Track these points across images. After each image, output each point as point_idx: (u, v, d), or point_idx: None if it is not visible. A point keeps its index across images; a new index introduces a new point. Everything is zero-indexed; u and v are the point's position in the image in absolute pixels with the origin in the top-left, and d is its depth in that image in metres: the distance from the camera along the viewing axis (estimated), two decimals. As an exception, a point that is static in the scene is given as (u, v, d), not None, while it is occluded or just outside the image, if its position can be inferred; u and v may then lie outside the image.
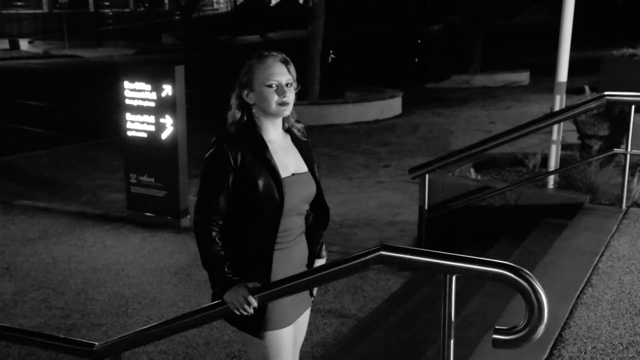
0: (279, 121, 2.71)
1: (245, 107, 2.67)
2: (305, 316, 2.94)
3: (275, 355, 2.71)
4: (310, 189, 2.74)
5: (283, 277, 2.62)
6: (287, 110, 2.65)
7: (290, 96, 2.64)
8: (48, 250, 6.41)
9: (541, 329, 2.09)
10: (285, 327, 2.72)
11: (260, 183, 2.58)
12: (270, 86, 2.60)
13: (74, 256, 6.27)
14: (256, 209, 2.60)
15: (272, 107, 2.62)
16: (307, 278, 2.50)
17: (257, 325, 2.66)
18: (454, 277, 2.23)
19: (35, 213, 7.53)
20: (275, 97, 2.61)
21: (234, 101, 2.68)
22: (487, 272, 2.18)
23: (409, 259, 2.31)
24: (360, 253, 2.38)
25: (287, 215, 2.64)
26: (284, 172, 2.64)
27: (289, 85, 2.64)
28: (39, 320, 5.02)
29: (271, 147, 2.66)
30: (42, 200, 8.07)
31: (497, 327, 2.19)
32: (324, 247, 2.93)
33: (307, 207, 2.77)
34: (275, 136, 2.70)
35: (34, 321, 5.01)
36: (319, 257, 2.87)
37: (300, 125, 2.81)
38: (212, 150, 2.62)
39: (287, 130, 2.77)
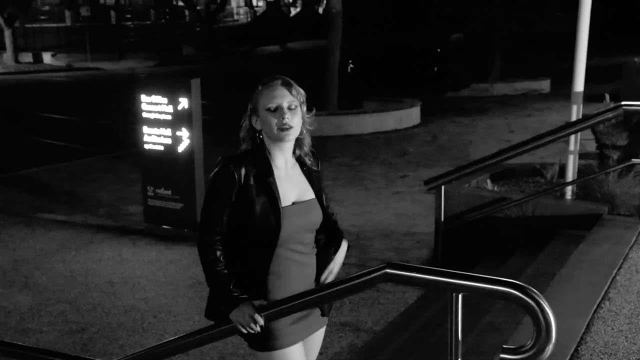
0: (288, 147, 2.66)
1: (253, 132, 2.65)
2: (319, 335, 2.90)
3: None
4: (313, 218, 2.69)
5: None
6: (291, 135, 2.59)
7: (294, 119, 2.58)
8: (66, 264, 6.45)
9: (549, 349, 2.06)
10: (292, 346, 2.69)
11: (258, 208, 2.55)
12: (270, 110, 2.57)
13: (91, 270, 6.30)
14: (251, 233, 2.58)
15: (273, 131, 2.57)
16: (313, 296, 2.48)
17: (265, 344, 2.65)
18: (460, 296, 2.20)
19: (54, 226, 7.60)
20: (275, 121, 2.56)
21: (244, 126, 2.67)
22: (494, 290, 2.15)
23: (415, 277, 2.29)
24: (365, 271, 2.36)
25: (284, 244, 2.61)
26: (285, 201, 2.60)
27: (292, 108, 2.58)
28: (55, 335, 5.04)
29: (276, 173, 2.62)
30: (61, 214, 8.13)
31: (504, 346, 2.16)
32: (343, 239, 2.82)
33: (310, 236, 2.72)
34: (282, 162, 2.65)
35: (51, 335, 5.03)
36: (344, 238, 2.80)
37: (311, 152, 2.74)
38: (217, 168, 2.60)
39: (298, 158, 2.71)
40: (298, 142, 2.69)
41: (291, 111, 2.58)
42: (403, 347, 4.36)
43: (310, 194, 2.70)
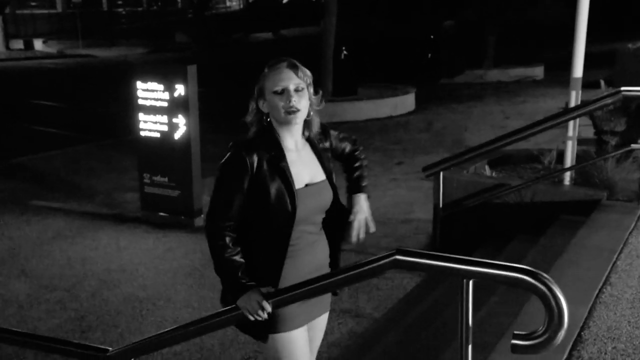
0: (297, 129, 2.64)
1: (261, 115, 2.63)
2: (323, 320, 2.90)
3: (288, 358, 2.68)
4: (325, 199, 2.68)
5: (293, 283, 2.58)
6: (298, 118, 2.57)
7: (301, 102, 2.55)
8: (63, 251, 6.42)
9: (561, 334, 2.05)
10: (296, 329, 2.68)
11: (273, 192, 2.53)
12: (276, 92, 2.54)
13: (89, 257, 6.27)
14: (267, 218, 2.57)
15: (280, 114, 2.55)
16: (321, 283, 2.46)
17: (269, 328, 2.64)
18: (471, 282, 2.18)
19: (49, 214, 7.56)
20: (282, 104, 2.54)
21: (251, 109, 2.65)
22: (505, 276, 2.13)
23: (425, 264, 2.27)
24: (375, 258, 2.34)
25: (298, 226, 2.60)
26: (298, 184, 2.58)
27: (298, 91, 2.56)
28: (54, 322, 5.02)
29: (288, 156, 2.60)
30: (57, 201, 8.09)
31: (515, 332, 2.15)
32: (363, 181, 2.89)
33: (321, 216, 2.72)
34: (292, 144, 2.63)
35: (49, 323, 5.01)
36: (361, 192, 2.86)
37: (321, 127, 2.73)
38: (228, 155, 2.56)
39: (308, 138, 2.70)
40: (307, 124, 2.67)
41: (298, 93, 2.55)
42: (405, 332, 4.36)
43: (321, 175, 2.68)
